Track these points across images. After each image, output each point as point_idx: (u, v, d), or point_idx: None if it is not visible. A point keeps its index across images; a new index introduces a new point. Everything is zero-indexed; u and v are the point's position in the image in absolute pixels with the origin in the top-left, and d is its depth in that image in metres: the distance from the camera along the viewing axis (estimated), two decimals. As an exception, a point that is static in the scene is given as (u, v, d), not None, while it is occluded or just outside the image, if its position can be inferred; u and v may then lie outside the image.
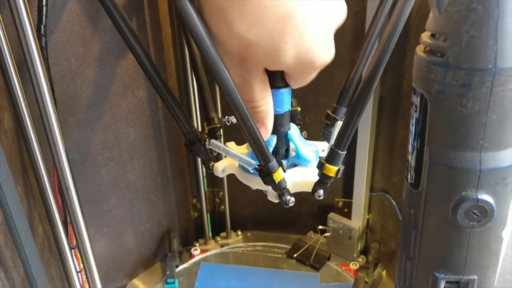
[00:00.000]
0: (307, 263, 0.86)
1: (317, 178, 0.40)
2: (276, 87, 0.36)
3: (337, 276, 0.84)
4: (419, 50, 0.32)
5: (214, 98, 0.82)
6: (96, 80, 0.70)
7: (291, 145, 0.41)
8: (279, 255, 0.90)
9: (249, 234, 0.97)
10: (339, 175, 0.38)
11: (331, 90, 0.82)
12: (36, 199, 0.64)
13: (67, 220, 0.58)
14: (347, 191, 0.88)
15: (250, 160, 0.39)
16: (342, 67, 0.81)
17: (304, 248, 0.89)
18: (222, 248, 0.93)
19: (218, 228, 0.97)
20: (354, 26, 0.76)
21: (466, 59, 0.28)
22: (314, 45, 0.29)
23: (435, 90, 0.30)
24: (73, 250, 0.57)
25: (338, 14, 0.31)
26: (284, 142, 0.40)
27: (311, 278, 0.84)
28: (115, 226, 0.81)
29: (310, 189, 0.40)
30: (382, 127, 0.80)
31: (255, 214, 0.97)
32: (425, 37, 0.32)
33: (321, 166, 0.38)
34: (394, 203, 0.80)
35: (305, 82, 0.33)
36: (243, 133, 0.35)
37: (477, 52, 0.28)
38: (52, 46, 0.63)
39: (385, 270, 0.86)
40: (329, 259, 0.88)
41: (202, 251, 0.92)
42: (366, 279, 0.81)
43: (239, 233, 0.97)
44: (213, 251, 0.92)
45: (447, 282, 0.34)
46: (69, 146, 0.59)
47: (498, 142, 0.30)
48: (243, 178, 0.42)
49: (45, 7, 0.55)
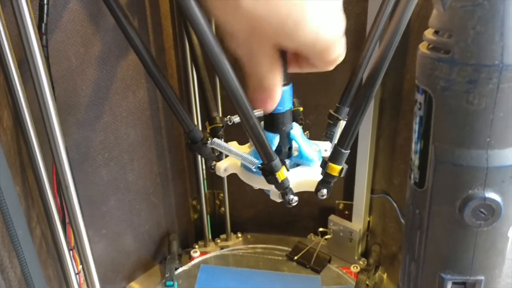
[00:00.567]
0: (308, 266, 0.86)
1: (320, 177, 0.39)
2: None
3: (338, 278, 0.84)
4: (422, 47, 0.32)
5: (215, 98, 0.81)
6: (96, 79, 0.69)
7: (294, 144, 0.41)
8: (280, 258, 0.89)
9: (249, 236, 0.96)
10: (343, 174, 0.38)
11: (332, 91, 0.82)
12: (34, 199, 0.63)
13: (65, 220, 0.57)
14: (348, 193, 0.87)
15: (253, 159, 0.39)
16: (343, 69, 0.80)
17: (304, 250, 0.89)
18: (222, 250, 0.92)
19: (218, 230, 0.96)
20: (355, 28, 0.75)
21: (472, 55, 0.28)
22: (333, 21, 0.27)
23: (440, 87, 0.30)
24: (71, 251, 0.56)
25: None
26: (286, 141, 0.40)
27: (312, 280, 0.83)
28: (114, 227, 0.80)
29: (313, 188, 0.40)
30: (383, 129, 0.80)
31: (255, 216, 0.96)
32: (428, 34, 0.31)
33: (324, 165, 0.38)
34: (395, 205, 0.80)
35: (317, 65, 0.30)
36: (246, 131, 0.34)
37: (483, 48, 0.28)
38: (52, 45, 0.62)
39: (386, 273, 0.85)
40: (329, 262, 0.87)
41: (202, 253, 0.91)
42: (367, 282, 0.80)
43: (239, 235, 0.96)
44: (213, 253, 0.91)
45: (454, 283, 0.34)
46: (68, 146, 0.58)
47: (505, 139, 0.29)
48: (246, 178, 0.42)
49: (46, 6, 0.55)
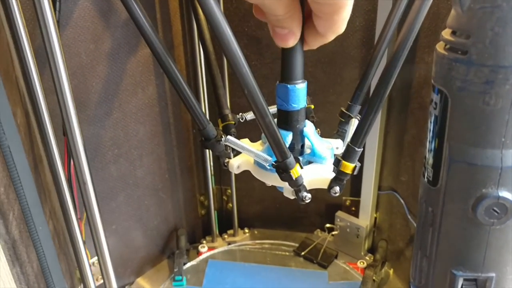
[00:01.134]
0: (315, 261, 0.87)
1: (332, 175, 0.40)
2: (293, 83, 0.36)
3: (344, 274, 0.84)
4: (439, 48, 0.32)
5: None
6: (106, 76, 0.70)
7: (306, 142, 0.41)
8: (287, 253, 0.90)
9: (256, 232, 0.97)
10: (356, 172, 0.38)
11: (340, 89, 0.82)
12: (47, 195, 0.64)
13: (77, 215, 0.58)
14: (355, 190, 0.88)
15: (267, 156, 0.39)
16: (352, 66, 0.81)
17: (311, 246, 0.89)
18: (230, 245, 0.93)
19: (225, 225, 0.97)
20: (364, 25, 0.76)
21: (490, 56, 0.28)
22: None
23: (457, 87, 0.30)
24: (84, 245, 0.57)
25: None
26: (299, 139, 0.40)
27: (319, 276, 0.84)
28: (123, 223, 0.81)
29: (325, 186, 0.40)
30: (391, 126, 0.80)
31: (263, 212, 0.97)
32: (446, 34, 0.32)
33: (337, 163, 0.38)
34: (403, 202, 0.80)
35: (330, 24, 0.28)
36: (261, 128, 0.35)
37: (501, 49, 0.28)
38: (63, 41, 0.63)
39: (392, 269, 0.86)
40: (336, 257, 0.88)
41: (210, 249, 0.92)
42: (374, 277, 0.81)
43: (246, 231, 0.97)
44: (220, 249, 0.92)
45: (465, 280, 0.34)
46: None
47: (520, 140, 0.29)
48: (259, 175, 0.42)
49: (58, 2, 0.55)
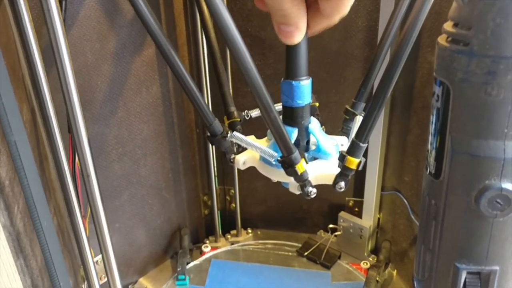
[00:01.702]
0: (318, 262, 0.86)
1: (337, 170, 0.40)
2: (298, 79, 0.36)
3: (348, 274, 0.84)
4: (441, 40, 0.32)
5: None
6: (111, 75, 0.70)
7: (312, 138, 0.41)
8: (290, 253, 0.90)
9: (259, 232, 0.97)
10: (360, 167, 0.39)
11: (343, 88, 0.82)
12: (51, 192, 0.64)
13: (81, 212, 0.59)
14: (358, 190, 0.87)
15: (272, 152, 0.39)
16: (354, 66, 0.81)
17: (314, 246, 0.89)
18: (233, 245, 0.93)
19: (228, 226, 0.97)
20: (367, 25, 0.76)
21: (492, 47, 0.28)
22: None
23: (458, 79, 0.30)
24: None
25: None
26: (305, 135, 0.40)
27: (322, 276, 0.84)
28: (127, 221, 0.81)
29: (330, 181, 0.40)
30: (394, 126, 0.80)
31: (266, 212, 0.97)
32: (447, 26, 0.32)
33: (342, 158, 0.38)
34: (406, 202, 0.80)
35: (336, 4, 0.28)
36: (266, 124, 0.35)
37: (503, 39, 0.28)
38: (69, 40, 0.63)
39: (396, 270, 0.85)
40: (339, 258, 0.88)
41: (213, 248, 0.92)
42: (378, 278, 0.80)
43: (249, 231, 0.97)
44: (223, 248, 0.92)
45: (468, 273, 0.34)
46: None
47: (523, 130, 0.29)
48: (264, 171, 0.42)
49: (64, 2, 0.56)
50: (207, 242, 0.94)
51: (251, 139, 0.42)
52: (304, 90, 0.37)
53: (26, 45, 0.41)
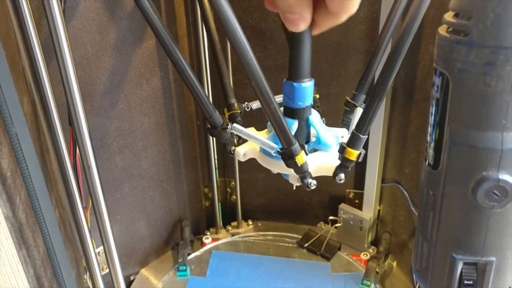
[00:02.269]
0: (318, 253, 0.87)
1: (337, 162, 0.40)
2: (299, 81, 0.36)
3: (348, 266, 0.85)
4: (442, 30, 0.32)
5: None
6: (111, 67, 0.70)
7: (312, 130, 0.41)
8: (290, 245, 0.90)
9: (259, 224, 0.97)
10: (360, 159, 0.39)
11: (344, 81, 0.82)
12: (53, 184, 0.65)
13: (83, 204, 0.59)
14: (359, 182, 0.88)
15: (272, 143, 0.39)
16: (356, 58, 0.81)
17: (315, 238, 0.90)
18: (233, 237, 0.94)
19: (229, 217, 0.98)
20: (368, 16, 0.75)
21: (491, 37, 0.28)
22: None
23: (458, 69, 0.30)
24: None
25: None
26: (305, 127, 0.40)
27: (322, 267, 0.84)
28: (128, 213, 0.82)
29: (330, 173, 0.41)
30: (395, 118, 0.80)
31: (266, 204, 0.97)
32: (448, 17, 0.32)
33: (342, 150, 0.39)
34: (406, 194, 0.80)
35: (344, 2, 0.27)
36: (267, 115, 0.35)
37: (502, 30, 0.28)
38: (69, 32, 0.63)
39: (395, 261, 0.86)
40: (340, 249, 0.88)
41: (214, 240, 0.93)
42: (377, 269, 0.81)
43: (250, 222, 0.97)
44: (224, 240, 0.93)
45: (465, 264, 0.34)
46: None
47: (521, 121, 0.29)
48: (265, 162, 0.43)
49: (64, -7, 0.56)
50: (208, 233, 0.95)
51: (251, 131, 0.42)
52: (305, 92, 0.37)
53: (26, 37, 0.41)
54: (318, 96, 0.47)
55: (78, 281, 0.67)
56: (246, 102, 0.48)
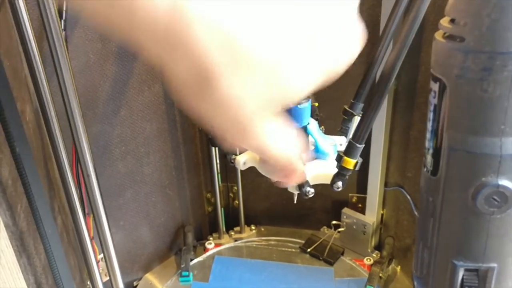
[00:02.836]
0: (321, 258, 0.86)
1: (335, 170, 0.40)
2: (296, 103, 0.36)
3: (351, 271, 0.84)
4: (438, 36, 0.32)
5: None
6: (113, 74, 0.71)
7: (310, 139, 0.41)
8: (293, 250, 0.90)
9: (262, 229, 0.97)
10: (357, 168, 0.39)
11: (346, 85, 0.81)
12: (56, 191, 0.65)
13: (85, 211, 0.59)
14: (361, 186, 0.87)
15: None
16: (357, 61, 0.80)
17: (318, 243, 0.89)
18: (236, 242, 0.93)
19: (232, 222, 0.98)
20: (369, 20, 0.75)
21: (487, 43, 0.28)
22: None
23: (455, 75, 0.30)
24: (92, 241, 0.58)
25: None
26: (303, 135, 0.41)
27: (325, 272, 0.84)
28: (131, 219, 0.82)
29: (328, 181, 0.41)
30: (397, 122, 0.79)
31: (269, 209, 0.97)
32: (444, 22, 0.31)
33: (339, 159, 0.39)
34: (409, 198, 0.79)
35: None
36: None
37: (498, 35, 0.28)
38: (71, 41, 0.64)
39: (399, 266, 0.85)
40: (343, 254, 0.88)
41: (216, 245, 0.92)
42: (381, 274, 0.80)
43: (253, 227, 0.97)
44: (227, 245, 0.92)
45: (466, 270, 0.34)
46: (87, 139, 0.60)
47: (520, 127, 0.29)
48: (264, 171, 0.43)
49: (65, 2, 0.56)
50: (211, 239, 0.95)
51: None
52: (301, 113, 0.37)
53: (26, 48, 0.42)
54: (317, 104, 0.47)
55: (81, 287, 0.67)
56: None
